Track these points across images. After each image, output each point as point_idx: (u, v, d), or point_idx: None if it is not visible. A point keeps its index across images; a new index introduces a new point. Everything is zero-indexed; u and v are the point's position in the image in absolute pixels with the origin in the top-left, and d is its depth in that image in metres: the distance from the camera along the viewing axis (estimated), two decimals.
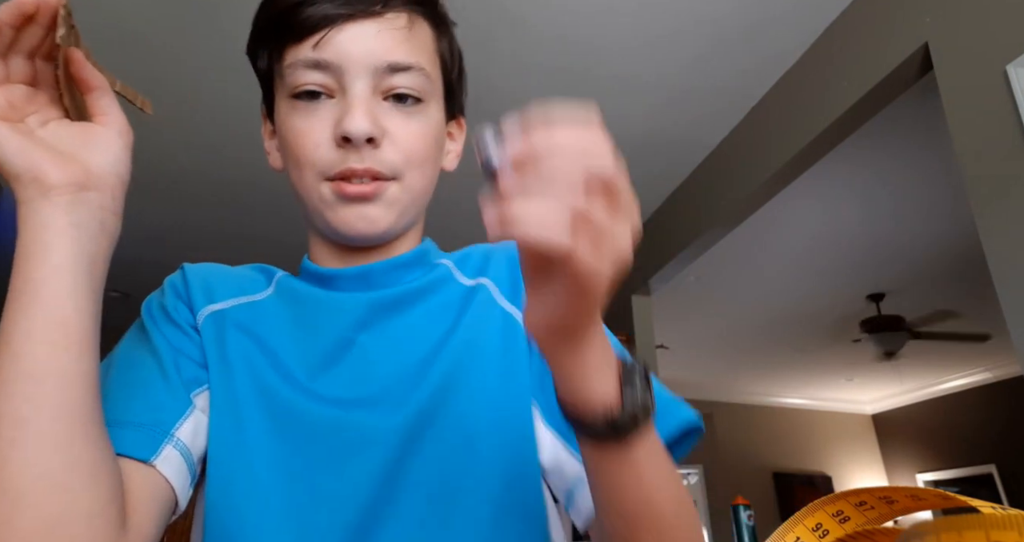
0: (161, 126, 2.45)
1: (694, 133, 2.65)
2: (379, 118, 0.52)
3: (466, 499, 0.49)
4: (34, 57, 0.42)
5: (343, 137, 0.50)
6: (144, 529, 0.43)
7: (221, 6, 1.90)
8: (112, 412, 0.45)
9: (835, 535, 0.30)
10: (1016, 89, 1.43)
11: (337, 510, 0.48)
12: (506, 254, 0.60)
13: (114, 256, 0.43)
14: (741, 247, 3.48)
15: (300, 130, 0.52)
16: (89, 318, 0.40)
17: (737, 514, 2.32)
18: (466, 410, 0.51)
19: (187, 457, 0.48)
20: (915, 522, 0.24)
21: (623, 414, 0.36)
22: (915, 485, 0.36)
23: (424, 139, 0.55)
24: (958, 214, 3.15)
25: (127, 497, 0.42)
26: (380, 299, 0.56)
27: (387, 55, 0.52)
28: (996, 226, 1.46)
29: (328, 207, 0.53)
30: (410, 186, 0.54)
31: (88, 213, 0.41)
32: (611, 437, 0.37)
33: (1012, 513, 0.22)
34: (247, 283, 0.60)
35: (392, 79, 0.53)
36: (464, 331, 0.54)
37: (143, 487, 0.44)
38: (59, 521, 0.36)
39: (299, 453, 0.50)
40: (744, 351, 5.45)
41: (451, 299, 0.57)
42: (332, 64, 0.51)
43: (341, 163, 0.51)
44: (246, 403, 0.51)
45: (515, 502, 0.50)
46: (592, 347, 0.35)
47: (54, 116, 0.43)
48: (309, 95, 0.52)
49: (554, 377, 0.37)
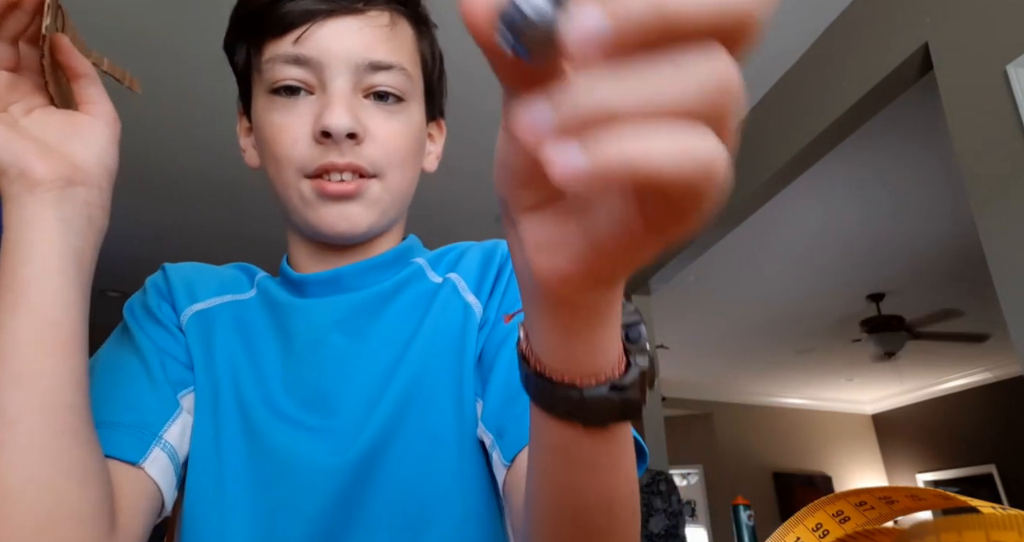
0: (161, 126, 2.45)
1: None
2: (360, 115, 0.51)
3: (426, 527, 0.48)
4: (17, 42, 0.40)
5: (323, 132, 0.49)
6: (132, 530, 0.43)
7: (221, 6, 1.90)
8: (99, 413, 0.45)
9: (835, 535, 0.30)
10: (1016, 89, 1.43)
11: (299, 532, 0.48)
12: (482, 249, 0.59)
13: (113, 256, 0.43)
14: (741, 247, 3.48)
15: (278, 125, 0.51)
16: (77, 316, 0.40)
17: (737, 514, 2.32)
18: (419, 438, 0.50)
19: (174, 458, 0.48)
20: (915, 522, 0.24)
21: (627, 378, 0.29)
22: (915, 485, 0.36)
23: (406, 138, 0.54)
24: (958, 214, 3.15)
25: (115, 497, 0.42)
26: (349, 303, 0.55)
27: (368, 53, 0.51)
28: (996, 226, 1.46)
29: (308, 206, 0.52)
30: (391, 185, 0.54)
31: (75, 208, 0.40)
32: (604, 406, 0.29)
33: (1012, 513, 0.22)
34: (230, 282, 0.60)
35: (373, 77, 0.52)
36: (427, 332, 0.54)
37: (131, 489, 0.44)
38: (48, 523, 0.36)
39: (262, 471, 0.50)
40: (744, 351, 5.45)
41: (418, 298, 0.56)
42: (312, 60, 0.50)
43: (321, 158, 0.50)
44: (226, 412, 0.51)
45: (475, 524, 0.49)
46: (617, 303, 0.27)
47: (39, 104, 0.42)
48: (288, 91, 0.51)
49: (541, 338, 0.28)
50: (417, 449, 0.50)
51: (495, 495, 0.50)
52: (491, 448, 0.48)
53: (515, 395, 0.47)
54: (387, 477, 0.49)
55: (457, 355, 0.52)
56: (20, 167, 0.39)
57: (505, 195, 0.23)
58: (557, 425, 0.30)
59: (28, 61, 0.42)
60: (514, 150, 0.21)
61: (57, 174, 0.39)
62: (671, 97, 0.16)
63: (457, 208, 3.15)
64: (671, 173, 0.16)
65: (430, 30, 0.59)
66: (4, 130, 0.39)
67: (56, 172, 0.39)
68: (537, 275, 0.23)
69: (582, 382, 0.28)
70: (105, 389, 0.48)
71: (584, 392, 0.28)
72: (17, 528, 0.35)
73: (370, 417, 0.50)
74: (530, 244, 0.23)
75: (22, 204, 0.39)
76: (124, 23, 1.94)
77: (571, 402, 0.28)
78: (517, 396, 0.47)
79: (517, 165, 0.22)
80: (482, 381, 0.51)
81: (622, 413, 0.29)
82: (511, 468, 0.45)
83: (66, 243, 0.39)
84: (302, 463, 0.49)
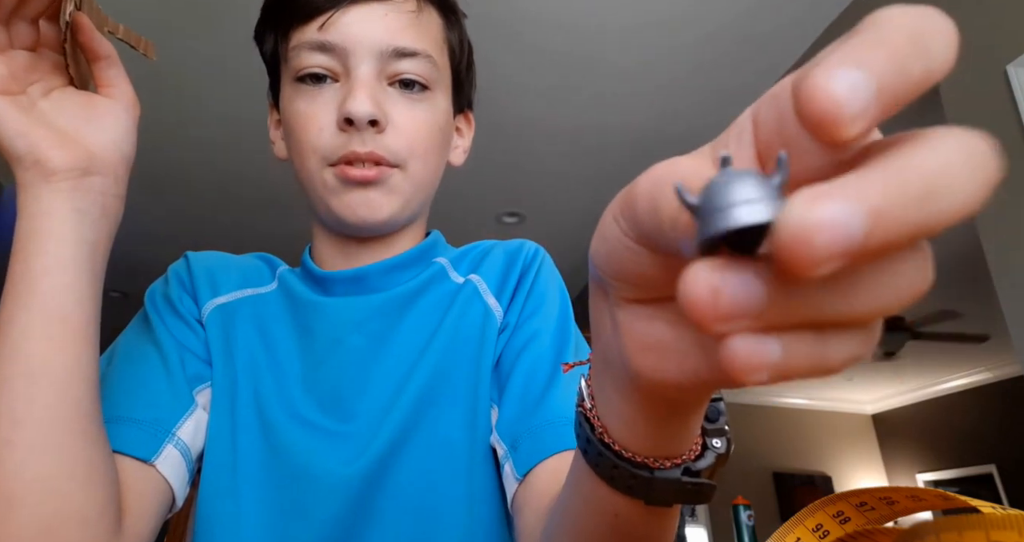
0: (161, 126, 2.45)
1: (695, 135, 2.65)
2: (383, 103, 0.50)
3: (435, 533, 0.48)
4: (38, 21, 0.39)
5: (346, 119, 0.49)
6: (140, 529, 0.43)
7: (221, 6, 1.90)
8: (113, 407, 0.45)
9: (835, 535, 0.30)
10: (1016, 89, 1.43)
11: (312, 536, 0.47)
12: (505, 250, 0.58)
13: (114, 255, 0.43)
14: None
15: (304, 114, 0.51)
16: (90, 310, 0.39)
17: (737, 514, 2.32)
18: (431, 444, 0.50)
19: (186, 456, 0.48)
20: (915, 522, 0.24)
21: (702, 462, 0.27)
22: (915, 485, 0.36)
23: (429, 128, 0.53)
24: None
25: (124, 496, 0.42)
26: (371, 304, 0.54)
27: (393, 39, 0.51)
28: (996, 226, 1.46)
29: (331, 193, 0.51)
30: (413, 175, 0.53)
31: (90, 198, 0.39)
32: (673, 488, 0.26)
33: (1012, 513, 0.22)
34: (252, 274, 0.59)
35: (398, 64, 0.51)
36: (445, 335, 0.53)
37: (141, 486, 0.44)
38: (53, 525, 0.36)
39: (278, 472, 0.49)
40: None
41: (440, 300, 0.55)
42: (337, 46, 0.50)
43: (344, 147, 0.50)
44: (243, 409, 0.51)
45: (483, 532, 0.49)
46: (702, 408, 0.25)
47: (58, 84, 0.41)
48: (314, 78, 0.51)
49: (620, 418, 0.25)
50: (429, 455, 0.49)
51: (503, 503, 0.50)
52: (503, 458, 0.47)
53: (532, 407, 0.46)
54: (399, 484, 0.48)
55: (474, 360, 0.52)
56: (36, 156, 0.38)
57: (606, 278, 0.20)
58: (612, 495, 0.27)
59: (47, 39, 0.41)
60: (648, 263, 0.18)
61: (74, 164, 0.39)
62: (881, 306, 0.14)
63: (459, 206, 3.15)
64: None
65: (459, 19, 0.59)
66: (21, 116, 0.38)
67: (73, 161, 0.39)
68: (637, 376, 0.20)
69: (654, 463, 0.25)
70: (122, 381, 0.47)
71: (655, 473, 0.25)
72: (20, 529, 0.35)
73: (384, 422, 0.49)
74: (633, 342, 0.20)
75: (37, 194, 0.38)
76: (124, 23, 1.94)
77: (638, 480, 0.25)
78: (534, 408, 0.46)
79: (639, 270, 0.18)
80: (498, 388, 0.51)
81: (692, 497, 0.26)
82: (523, 483, 0.44)
83: (80, 235, 0.39)
84: (318, 468, 0.48)
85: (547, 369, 0.49)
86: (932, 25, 0.13)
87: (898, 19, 0.13)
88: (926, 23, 0.13)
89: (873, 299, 0.14)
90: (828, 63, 0.13)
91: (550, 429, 0.44)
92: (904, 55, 0.13)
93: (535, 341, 0.51)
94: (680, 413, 0.24)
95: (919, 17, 0.13)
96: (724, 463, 0.27)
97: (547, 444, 0.44)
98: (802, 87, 0.13)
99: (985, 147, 0.13)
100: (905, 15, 0.13)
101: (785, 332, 0.14)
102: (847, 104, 0.13)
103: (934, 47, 0.13)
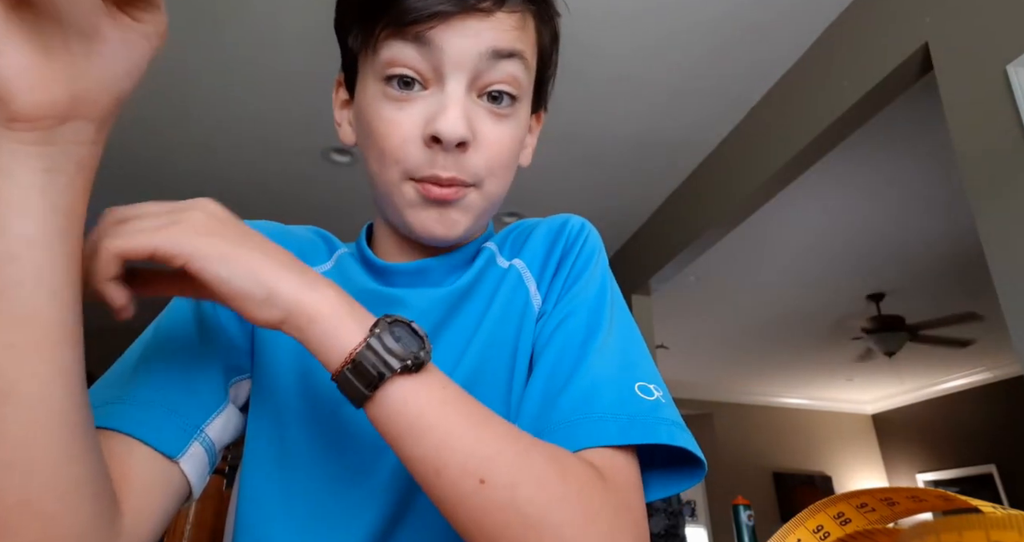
0: (161, 126, 2.45)
1: (694, 133, 2.65)
2: (472, 120, 0.49)
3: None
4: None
5: (433, 137, 0.48)
6: (145, 528, 0.42)
7: (222, 7, 1.90)
8: (145, 389, 0.44)
9: (835, 536, 0.30)
10: (1016, 89, 1.43)
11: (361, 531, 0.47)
12: (548, 229, 0.58)
13: None
14: (741, 247, 3.48)
15: (389, 121, 0.49)
16: (67, 301, 0.32)
17: (737, 514, 2.32)
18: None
19: (210, 451, 0.47)
20: (915, 522, 0.24)
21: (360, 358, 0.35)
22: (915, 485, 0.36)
23: (511, 146, 0.53)
24: (958, 214, 3.15)
25: (138, 493, 0.41)
26: (431, 298, 0.54)
27: (492, 42, 0.49)
28: (996, 226, 1.46)
29: (409, 206, 0.51)
30: (488, 193, 0.53)
31: (64, 153, 0.31)
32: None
33: (1012, 513, 0.22)
34: (309, 250, 0.58)
35: (492, 71, 0.49)
36: (488, 327, 0.53)
37: (158, 480, 0.43)
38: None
39: (332, 460, 0.49)
40: (744, 351, 5.45)
41: (489, 288, 0.56)
42: (433, 53, 0.48)
43: (428, 167, 0.49)
44: (288, 404, 0.51)
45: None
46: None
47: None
48: (403, 82, 0.49)
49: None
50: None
51: None
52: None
53: (551, 402, 0.46)
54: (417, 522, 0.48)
55: (511, 353, 0.52)
56: (1, 92, 0.28)
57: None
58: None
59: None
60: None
61: (48, 110, 0.29)
62: None
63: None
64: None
65: (553, 20, 0.57)
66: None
67: (48, 107, 0.29)
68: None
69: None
70: (157, 361, 0.46)
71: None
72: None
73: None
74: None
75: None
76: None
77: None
78: (553, 403, 0.46)
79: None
80: (531, 371, 0.51)
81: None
82: None
83: (50, 203, 0.30)
84: (372, 460, 0.49)
85: (574, 353, 0.48)
86: None
87: None
88: None
89: None
90: None
91: (566, 428, 0.44)
92: None
93: (566, 323, 0.51)
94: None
95: None
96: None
97: (569, 443, 0.43)
98: None
99: None
100: None
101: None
102: None
103: None
